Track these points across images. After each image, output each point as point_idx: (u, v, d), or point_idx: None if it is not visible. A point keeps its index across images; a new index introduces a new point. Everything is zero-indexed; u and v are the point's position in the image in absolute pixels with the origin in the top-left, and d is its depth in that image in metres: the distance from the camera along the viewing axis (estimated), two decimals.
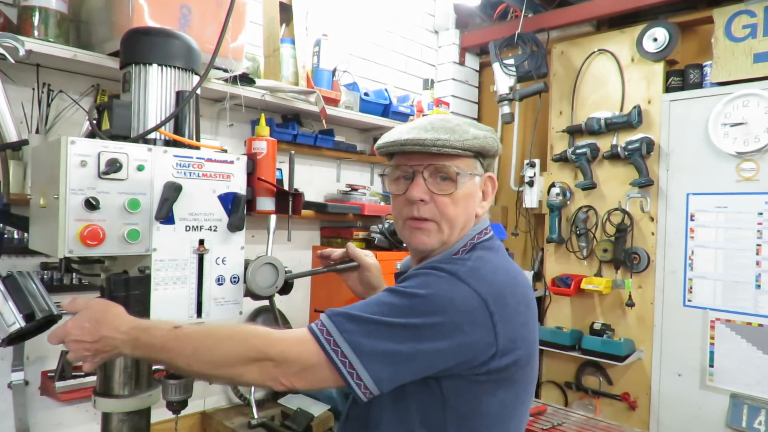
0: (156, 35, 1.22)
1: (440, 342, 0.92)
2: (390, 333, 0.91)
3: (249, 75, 2.12)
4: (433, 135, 1.03)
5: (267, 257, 1.27)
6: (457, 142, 1.03)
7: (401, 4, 3.25)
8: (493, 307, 0.95)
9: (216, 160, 1.20)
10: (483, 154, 1.08)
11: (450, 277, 0.96)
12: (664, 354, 2.73)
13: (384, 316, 0.92)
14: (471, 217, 1.10)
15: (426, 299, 0.93)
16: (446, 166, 1.05)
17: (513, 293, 1.00)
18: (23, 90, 1.78)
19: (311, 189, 2.67)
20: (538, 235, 3.30)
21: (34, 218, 1.20)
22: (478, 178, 1.10)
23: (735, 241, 2.53)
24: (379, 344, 0.90)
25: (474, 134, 1.06)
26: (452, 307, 0.93)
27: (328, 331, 0.92)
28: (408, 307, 0.93)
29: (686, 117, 2.68)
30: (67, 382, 1.78)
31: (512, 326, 0.98)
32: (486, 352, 0.95)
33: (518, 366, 1.00)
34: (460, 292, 0.94)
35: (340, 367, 0.89)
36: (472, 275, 0.97)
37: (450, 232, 1.08)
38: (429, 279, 0.96)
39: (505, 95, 2.99)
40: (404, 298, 0.94)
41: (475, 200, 1.10)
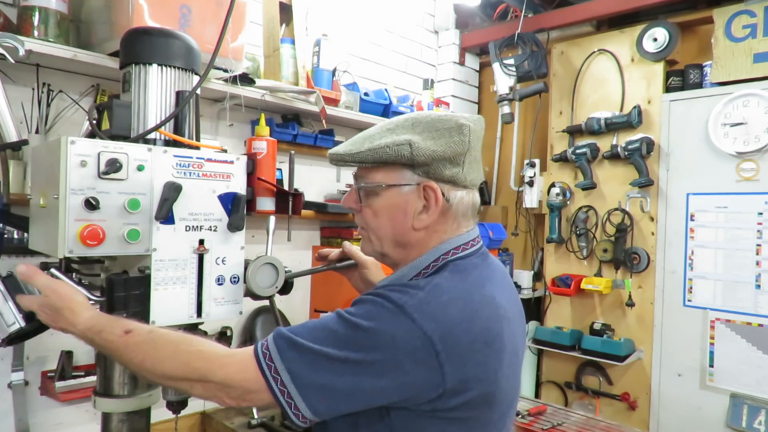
0: (156, 35, 1.22)
1: (379, 379, 0.88)
2: (330, 366, 0.88)
3: (249, 75, 2.12)
4: (346, 148, 1.02)
5: (267, 257, 1.26)
6: (348, 155, 1.00)
7: (401, 4, 3.25)
8: (440, 346, 0.87)
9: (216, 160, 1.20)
10: (407, 162, 0.98)
11: (396, 310, 0.89)
12: (664, 354, 2.73)
13: (326, 346, 0.89)
14: (404, 229, 1.01)
15: (368, 333, 0.89)
16: (360, 177, 1.04)
17: (467, 330, 0.90)
18: (23, 90, 1.78)
19: (311, 189, 2.67)
20: (538, 235, 3.30)
21: (34, 218, 1.20)
22: (408, 188, 0.99)
23: (735, 241, 2.53)
24: (319, 377, 0.88)
25: (379, 144, 0.98)
26: (393, 345, 0.87)
27: (271, 357, 0.90)
28: (350, 339, 0.89)
29: (686, 117, 2.68)
30: (67, 382, 1.78)
31: (464, 367, 0.90)
32: (431, 391, 0.89)
33: (471, 406, 0.92)
34: (403, 329, 0.88)
35: (278, 395, 0.89)
36: (420, 310, 0.89)
37: (381, 244, 1.05)
38: (375, 310, 0.91)
39: (505, 95, 2.99)
40: (348, 328, 0.90)
41: (407, 213, 1.00)
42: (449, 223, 1.03)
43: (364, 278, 1.38)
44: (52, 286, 1.06)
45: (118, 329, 0.99)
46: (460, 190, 1.02)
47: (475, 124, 1.02)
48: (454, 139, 0.99)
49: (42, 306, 1.07)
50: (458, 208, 1.02)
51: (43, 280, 1.07)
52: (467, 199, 1.03)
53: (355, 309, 0.94)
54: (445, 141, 0.98)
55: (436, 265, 1.00)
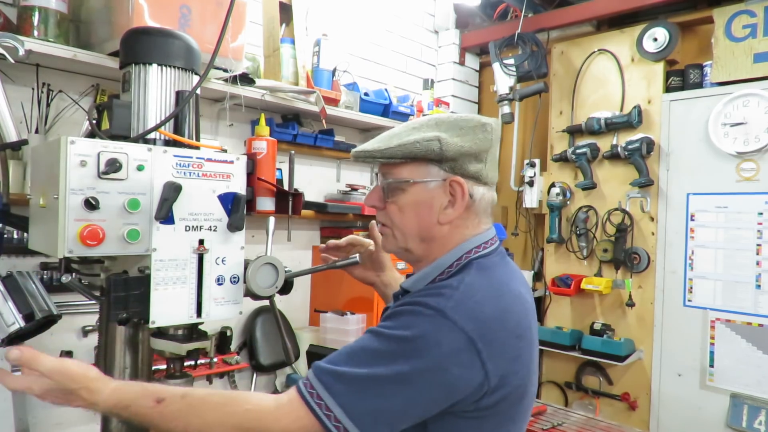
0: (156, 35, 1.22)
1: (430, 390, 0.89)
2: (380, 389, 0.88)
3: (249, 75, 2.12)
4: (374, 145, 1.03)
5: (267, 257, 1.26)
6: (377, 152, 1.02)
7: (401, 4, 3.25)
8: (480, 344, 0.89)
9: (216, 160, 1.20)
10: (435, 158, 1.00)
11: (436, 314, 0.90)
12: (664, 354, 2.73)
13: (372, 367, 0.88)
14: (430, 225, 1.03)
15: (412, 342, 0.89)
16: (387, 174, 1.05)
17: (503, 326, 0.94)
18: (23, 90, 1.78)
19: (311, 189, 2.67)
20: (538, 235, 3.30)
21: (34, 218, 1.20)
22: (434, 184, 1.02)
23: (735, 241, 2.53)
24: (371, 403, 0.87)
25: (409, 140, 1.00)
26: (438, 350, 0.88)
27: (319, 395, 0.88)
28: (394, 353, 0.89)
29: (686, 117, 2.68)
30: None
31: (502, 362, 0.93)
32: (477, 392, 0.91)
33: (507, 401, 0.96)
34: (446, 333, 0.89)
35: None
36: (458, 311, 0.90)
37: (405, 240, 1.06)
38: (414, 319, 0.91)
39: (505, 95, 2.99)
40: (390, 342, 0.90)
41: (432, 208, 1.02)
42: (471, 219, 1.06)
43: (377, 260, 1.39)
44: (59, 368, 0.95)
45: (147, 400, 0.93)
46: (482, 187, 1.05)
47: (495, 124, 1.07)
48: (479, 136, 1.02)
49: (49, 392, 0.96)
50: (480, 204, 1.05)
51: (48, 364, 0.95)
52: (488, 196, 1.07)
53: (392, 322, 0.93)
54: (470, 138, 1.02)
55: (459, 263, 1.02)
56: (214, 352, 2.21)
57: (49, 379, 0.95)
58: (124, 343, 1.22)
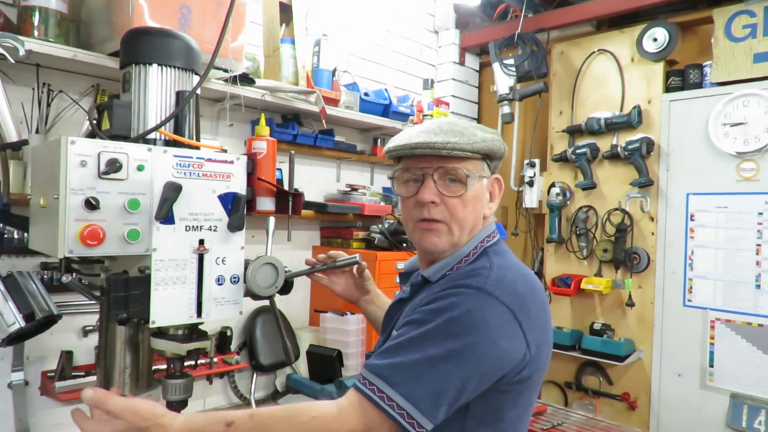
0: (156, 35, 1.22)
1: (481, 363, 0.93)
2: (435, 370, 0.92)
3: (249, 75, 2.12)
4: (443, 138, 1.05)
5: (267, 257, 1.26)
6: (466, 145, 1.05)
7: (401, 4, 3.25)
8: (520, 316, 0.97)
9: (216, 160, 1.20)
10: (490, 156, 1.11)
11: (479, 292, 0.97)
12: (664, 354, 2.73)
13: (423, 350, 0.93)
14: (479, 218, 1.12)
15: (460, 320, 0.94)
16: (456, 169, 1.07)
17: (533, 300, 1.02)
18: (23, 90, 1.78)
19: (311, 189, 2.67)
20: (538, 235, 3.30)
21: (34, 218, 1.20)
22: (486, 180, 1.12)
23: (735, 241, 2.53)
24: (429, 386, 0.91)
25: (482, 137, 1.08)
26: (486, 324, 0.94)
27: (379, 389, 0.92)
28: (443, 332, 0.93)
29: (686, 117, 2.68)
30: (67, 382, 1.78)
31: (537, 333, 1.00)
32: (521, 362, 0.97)
33: (540, 371, 1.03)
34: (491, 307, 0.96)
35: (399, 419, 0.90)
36: (498, 287, 0.98)
37: (460, 234, 1.10)
38: (459, 299, 0.97)
39: (505, 95, 2.99)
40: (439, 322, 0.94)
41: (483, 202, 1.12)
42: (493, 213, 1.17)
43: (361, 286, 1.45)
44: (128, 407, 0.97)
45: (217, 426, 0.94)
46: None
47: None
48: (502, 139, 1.15)
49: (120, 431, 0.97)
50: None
51: (118, 404, 0.97)
52: None
53: (436, 305, 0.98)
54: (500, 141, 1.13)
55: (476, 252, 1.10)
56: (214, 352, 2.21)
57: (120, 419, 0.96)
58: (124, 343, 1.22)
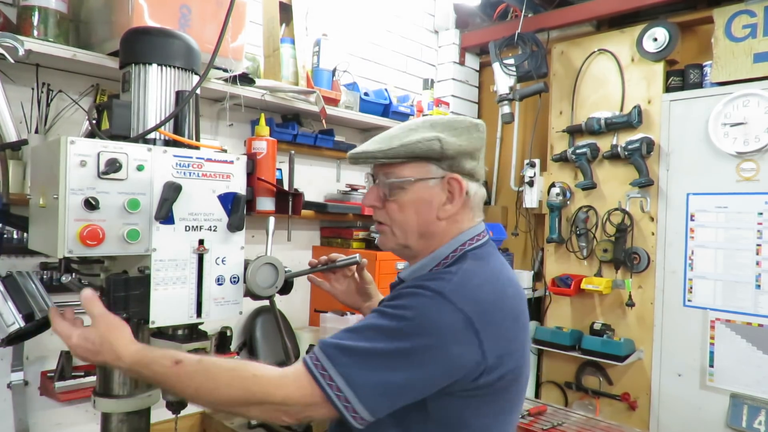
0: (156, 35, 1.22)
1: (430, 366, 0.93)
2: (382, 362, 0.92)
3: (249, 75, 2.12)
4: (374, 146, 1.07)
5: (267, 257, 1.26)
6: (379, 152, 1.06)
7: (401, 4, 3.25)
8: (479, 324, 0.94)
9: (216, 160, 1.20)
10: (435, 157, 1.05)
11: (436, 296, 0.95)
12: (664, 354, 2.73)
13: (375, 342, 0.93)
14: (429, 221, 1.07)
15: (413, 321, 0.93)
16: (388, 174, 1.08)
17: (499, 308, 1.00)
18: (23, 90, 1.78)
19: (311, 189, 2.67)
20: (538, 235, 3.30)
21: (34, 218, 1.20)
22: (434, 182, 1.06)
23: (735, 241, 2.53)
24: (373, 375, 0.91)
25: (410, 140, 1.04)
26: (438, 329, 0.93)
27: (323, 366, 0.93)
28: (396, 330, 0.93)
29: (686, 117, 2.68)
30: (67, 382, 1.78)
31: (499, 343, 0.98)
32: (475, 370, 0.95)
33: (504, 381, 1.00)
34: (446, 313, 0.94)
35: (336, 401, 0.91)
36: (458, 293, 0.96)
37: (404, 236, 1.09)
38: (416, 300, 0.96)
39: (505, 95, 2.99)
40: (393, 320, 0.94)
41: (432, 205, 1.07)
42: (467, 214, 1.11)
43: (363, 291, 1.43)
44: (105, 318, 1.03)
45: (167, 361, 0.98)
46: (475, 183, 1.11)
47: (484, 124, 1.13)
48: (473, 135, 1.09)
49: (85, 338, 1.03)
50: (474, 199, 1.11)
51: (100, 311, 1.04)
52: (480, 192, 1.13)
53: (395, 302, 0.98)
54: (466, 137, 1.07)
55: (455, 255, 1.07)
56: (214, 352, 2.21)
57: (94, 324, 1.03)
58: None
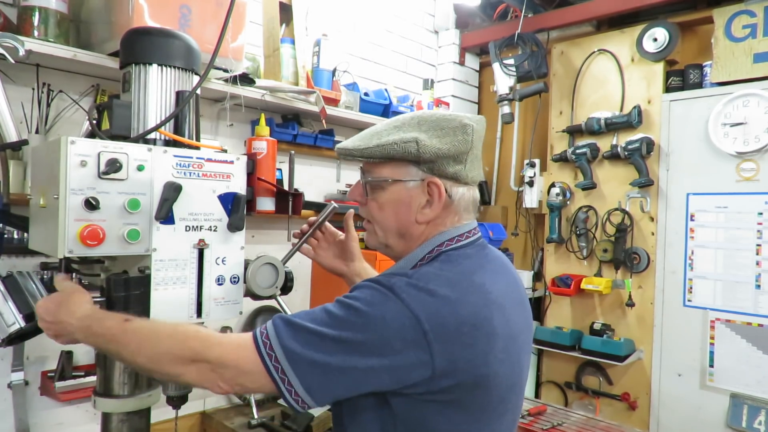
0: (156, 35, 1.22)
1: (370, 358, 0.90)
2: (323, 344, 0.91)
3: (249, 75, 2.12)
4: (355, 143, 1.06)
5: (267, 257, 1.27)
6: (356, 151, 1.04)
7: (401, 4, 3.25)
8: (427, 325, 0.90)
9: (216, 160, 1.20)
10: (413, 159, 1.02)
11: (387, 292, 0.93)
12: (664, 354, 2.73)
13: (323, 326, 0.92)
14: (408, 223, 1.05)
15: (360, 314, 0.92)
16: (368, 171, 1.08)
17: (454, 313, 0.93)
18: (23, 90, 1.78)
19: (311, 189, 2.67)
20: (538, 235, 3.30)
21: (34, 218, 1.20)
22: (413, 183, 1.03)
23: (735, 241, 2.53)
24: (312, 354, 0.90)
25: (387, 141, 1.02)
26: (383, 324, 0.90)
27: (267, 335, 0.92)
28: (344, 320, 0.92)
29: (686, 117, 2.68)
30: (67, 382, 1.78)
31: (453, 347, 0.92)
32: (422, 372, 0.91)
33: (464, 388, 0.95)
34: (392, 309, 0.91)
35: (273, 372, 0.90)
36: (408, 292, 0.93)
37: (384, 235, 1.09)
38: (369, 293, 0.95)
39: (505, 95, 2.99)
40: (343, 310, 0.94)
41: (410, 207, 1.04)
42: (450, 217, 1.07)
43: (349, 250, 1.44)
44: (64, 283, 1.14)
45: (118, 317, 1.03)
46: (462, 187, 1.06)
47: (477, 124, 1.06)
48: (458, 138, 1.03)
49: (45, 303, 1.11)
50: (459, 203, 1.06)
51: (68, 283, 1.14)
52: (468, 196, 1.07)
53: (352, 293, 0.97)
54: (449, 140, 1.02)
55: (430, 256, 1.05)
56: None
57: (59, 290, 1.12)
58: None
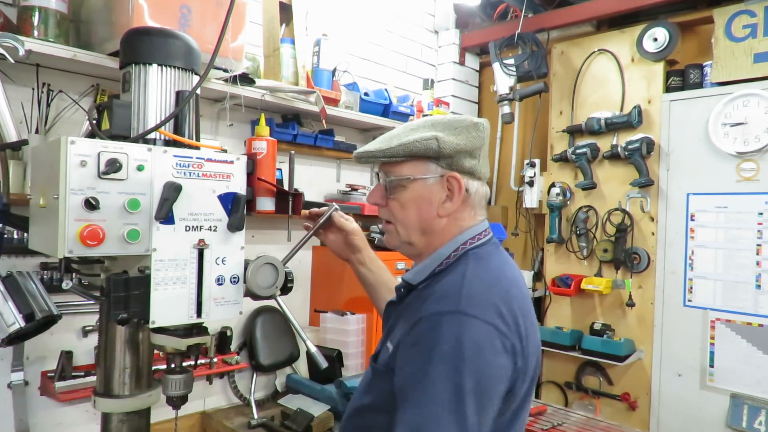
0: (156, 35, 1.22)
1: (489, 386, 0.92)
2: (458, 417, 0.88)
3: (249, 75, 2.12)
4: (376, 146, 1.10)
5: (267, 257, 1.26)
6: (379, 152, 1.09)
7: (401, 4, 3.25)
8: (503, 328, 0.95)
9: (216, 160, 1.20)
10: (433, 156, 1.07)
11: (456, 316, 0.94)
12: (664, 354, 2.73)
13: (435, 397, 0.89)
14: (430, 219, 1.10)
15: (453, 353, 0.91)
16: (389, 172, 1.12)
17: (510, 309, 0.99)
18: (23, 90, 1.78)
19: (311, 189, 2.67)
20: (538, 235, 3.30)
21: (34, 218, 1.20)
22: (433, 180, 1.09)
23: (735, 241, 2.53)
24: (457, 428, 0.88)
25: (408, 140, 1.07)
26: (478, 348, 0.92)
27: None
28: (447, 371, 0.90)
29: (686, 117, 2.68)
30: (67, 382, 1.78)
31: (519, 340, 0.99)
32: (514, 372, 0.97)
33: (520, 379, 1.01)
34: (474, 328, 0.93)
35: None
36: (473, 304, 0.96)
37: (407, 234, 1.12)
38: (443, 330, 0.93)
39: (505, 95, 2.99)
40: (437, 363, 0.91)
41: (432, 203, 1.09)
42: (467, 211, 1.13)
43: (351, 243, 1.46)
44: None
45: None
46: (476, 181, 1.13)
47: (486, 123, 1.15)
48: (473, 134, 1.10)
49: None
50: (475, 197, 1.13)
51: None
52: (482, 191, 1.15)
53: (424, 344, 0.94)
54: (465, 136, 1.09)
55: (456, 254, 1.09)
56: (214, 352, 2.21)
57: None
58: (124, 343, 1.22)
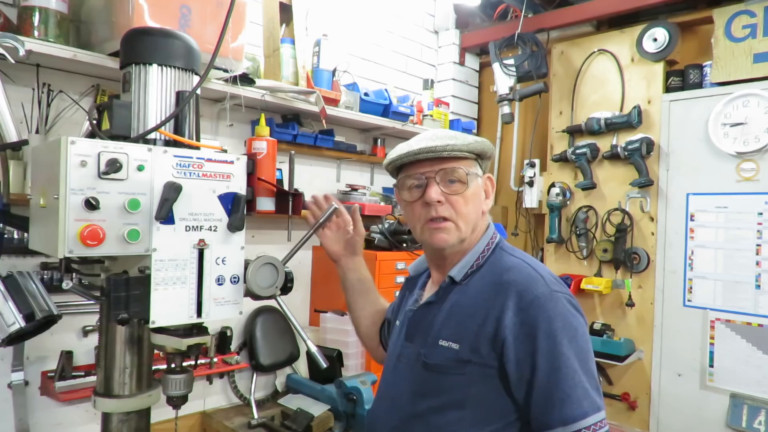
0: (156, 35, 1.22)
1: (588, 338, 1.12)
2: (588, 377, 1.05)
3: (249, 75, 2.12)
4: (442, 142, 1.16)
5: (267, 257, 1.26)
6: (462, 146, 1.16)
7: (401, 4, 3.25)
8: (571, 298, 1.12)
9: (216, 160, 1.20)
10: (482, 156, 1.22)
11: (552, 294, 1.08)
12: (664, 354, 2.73)
13: (575, 371, 1.04)
14: (480, 214, 1.23)
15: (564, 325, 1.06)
16: (455, 169, 1.17)
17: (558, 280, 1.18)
18: (23, 90, 1.78)
19: (311, 189, 2.67)
20: (538, 235, 3.30)
21: (34, 218, 1.20)
22: (480, 179, 1.22)
23: (735, 241, 2.53)
24: (594, 387, 1.05)
25: (473, 139, 1.20)
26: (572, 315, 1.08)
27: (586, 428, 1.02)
28: (567, 344, 1.04)
29: (686, 117, 2.68)
30: (67, 382, 1.78)
31: None
32: None
33: None
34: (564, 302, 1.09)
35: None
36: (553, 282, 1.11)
37: (466, 229, 1.19)
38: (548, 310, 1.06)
39: (505, 95, 2.99)
40: (560, 339, 1.04)
41: (481, 199, 1.23)
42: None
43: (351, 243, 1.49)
44: None
45: None
46: None
47: None
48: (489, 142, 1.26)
49: None
50: None
51: None
52: None
53: (542, 330, 1.05)
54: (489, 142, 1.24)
55: (489, 248, 1.23)
56: (214, 352, 2.21)
57: None
58: (125, 343, 1.22)
